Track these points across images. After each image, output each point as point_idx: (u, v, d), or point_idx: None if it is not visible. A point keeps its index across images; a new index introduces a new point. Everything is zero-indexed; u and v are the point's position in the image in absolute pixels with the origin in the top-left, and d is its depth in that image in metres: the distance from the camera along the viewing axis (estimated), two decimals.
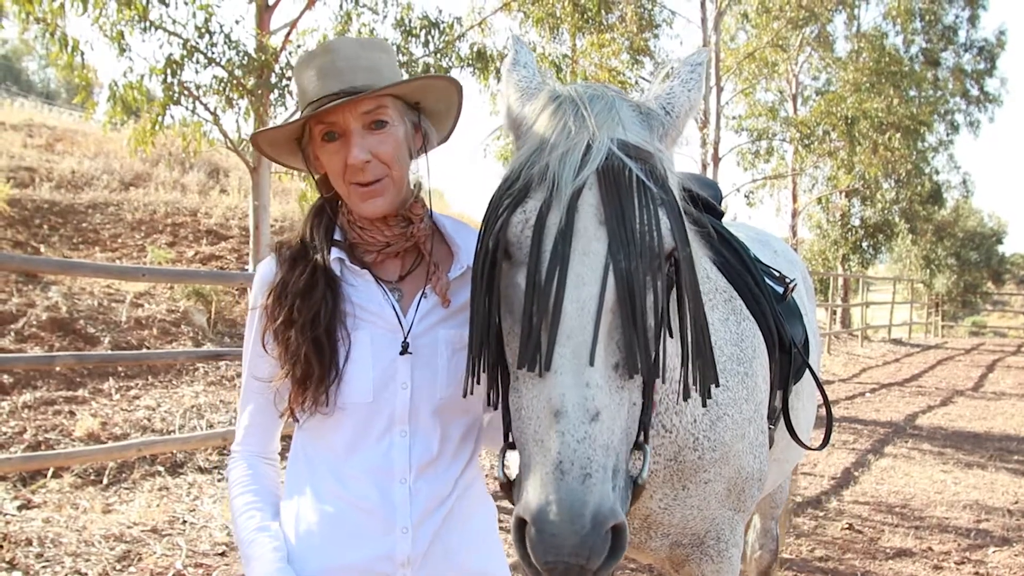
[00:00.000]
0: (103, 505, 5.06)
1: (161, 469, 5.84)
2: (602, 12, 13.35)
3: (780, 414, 2.22)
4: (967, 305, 34.97)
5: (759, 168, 21.18)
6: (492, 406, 1.39)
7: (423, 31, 8.71)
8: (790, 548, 4.94)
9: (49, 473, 5.40)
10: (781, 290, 2.41)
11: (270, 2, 8.19)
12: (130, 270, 6.34)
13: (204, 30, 7.57)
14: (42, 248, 10.99)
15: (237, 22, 7.96)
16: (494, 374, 1.36)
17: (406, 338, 1.53)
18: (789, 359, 2.17)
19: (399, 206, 1.56)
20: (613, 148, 1.29)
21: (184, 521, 4.90)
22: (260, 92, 7.80)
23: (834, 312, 21.80)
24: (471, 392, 1.38)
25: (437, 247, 1.64)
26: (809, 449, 2.52)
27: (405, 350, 1.52)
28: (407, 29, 8.64)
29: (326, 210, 1.62)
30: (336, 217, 1.61)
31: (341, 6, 8.78)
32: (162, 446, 5.59)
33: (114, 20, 7.35)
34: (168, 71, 7.48)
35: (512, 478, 1.31)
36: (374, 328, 1.54)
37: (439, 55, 8.80)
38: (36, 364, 6.46)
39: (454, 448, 1.58)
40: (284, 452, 1.78)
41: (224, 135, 8.16)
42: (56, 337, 8.14)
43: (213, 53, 7.65)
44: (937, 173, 26.65)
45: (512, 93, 1.52)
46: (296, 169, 1.70)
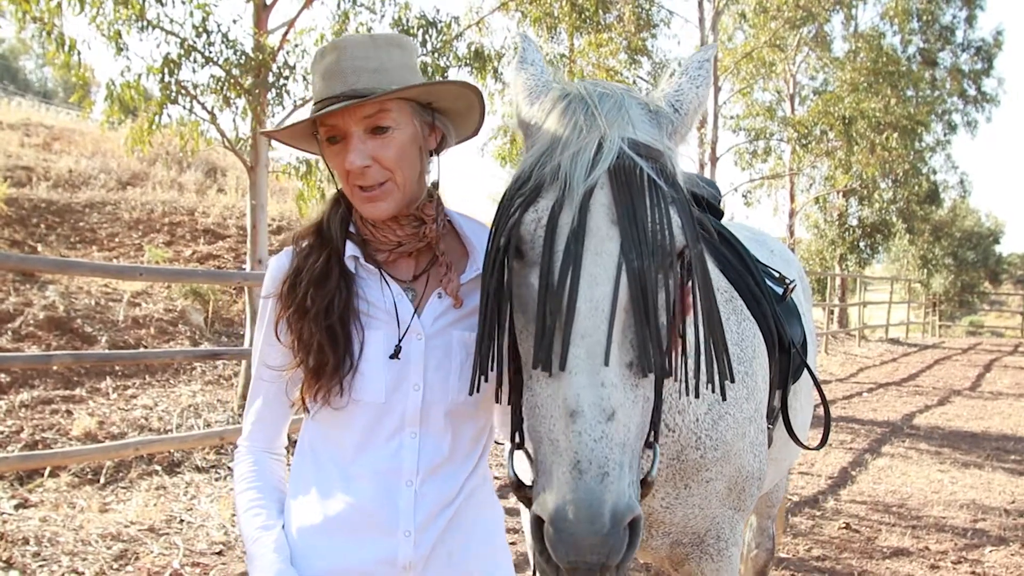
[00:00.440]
0: (100, 504, 5.05)
1: (158, 468, 5.83)
2: (600, 12, 13.31)
3: (779, 413, 2.23)
4: (964, 305, 35.07)
5: (756, 168, 21.28)
6: (500, 404, 1.39)
7: (420, 30, 8.68)
8: (787, 547, 4.94)
9: (46, 472, 5.39)
10: (781, 291, 2.41)
11: (267, 1, 8.15)
12: (127, 269, 6.34)
13: (201, 29, 7.55)
14: (39, 247, 10.98)
15: (235, 21, 7.92)
16: (502, 372, 1.36)
17: (400, 342, 1.51)
18: (788, 359, 2.18)
19: (407, 207, 1.54)
20: (624, 147, 1.29)
21: (181, 520, 4.90)
22: (257, 91, 7.78)
23: (831, 312, 21.82)
24: (478, 390, 1.37)
25: (453, 247, 1.62)
26: (807, 448, 2.53)
27: (396, 354, 1.50)
28: (404, 28, 8.61)
29: (342, 202, 1.61)
30: (351, 212, 1.59)
31: (339, 5, 8.74)
32: (159, 445, 5.59)
33: (111, 19, 7.33)
34: (165, 70, 7.45)
35: (521, 478, 1.32)
36: (388, 328, 1.52)
37: (437, 55, 8.78)
38: (33, 363, 6.45)
39: (465, 450, 1.57)
40: (290, 449, 1.78)
41: (221, 134, 8.13)
42: (53, 336, 8.14)
43: (210, 52, 7.63)
44: (934, 173, 26.72)
45: (521, 92, 1.50)
46: (317, 154, 1.66)
